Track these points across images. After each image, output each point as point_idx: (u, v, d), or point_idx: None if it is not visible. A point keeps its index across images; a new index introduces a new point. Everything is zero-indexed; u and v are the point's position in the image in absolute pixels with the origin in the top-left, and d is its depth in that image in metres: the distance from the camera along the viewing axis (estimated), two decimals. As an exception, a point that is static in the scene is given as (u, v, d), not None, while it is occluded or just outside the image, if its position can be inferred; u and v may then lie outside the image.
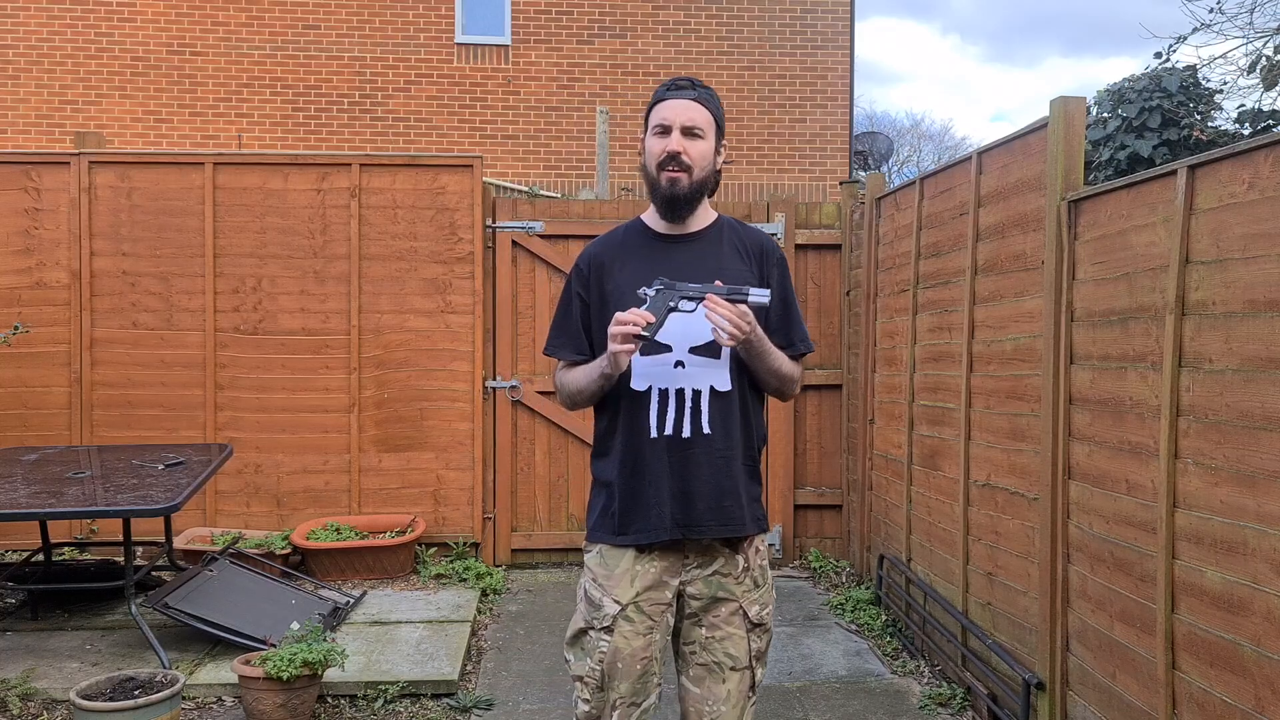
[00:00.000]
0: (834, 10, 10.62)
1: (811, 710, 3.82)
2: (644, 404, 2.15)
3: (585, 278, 2.25)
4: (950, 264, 4.24)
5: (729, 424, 2.17)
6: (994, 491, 3.77)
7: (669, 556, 2.17)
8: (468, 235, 5.66)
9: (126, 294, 5.57)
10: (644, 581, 2.16)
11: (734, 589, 2.19)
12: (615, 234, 2.31)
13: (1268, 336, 2.29)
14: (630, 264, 2.21)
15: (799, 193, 10.47)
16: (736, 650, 2.18)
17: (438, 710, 3.78)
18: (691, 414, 2.14)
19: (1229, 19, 7.36)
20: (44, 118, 10.01)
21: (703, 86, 2.19)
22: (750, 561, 2.22)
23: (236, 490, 5.60)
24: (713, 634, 2.18)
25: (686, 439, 2.14)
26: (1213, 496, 2.47)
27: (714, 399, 2.15)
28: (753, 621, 2.20)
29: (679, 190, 2.14)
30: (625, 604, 2.14)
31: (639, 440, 2.15)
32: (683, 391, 2.14)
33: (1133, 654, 2.82)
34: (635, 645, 2.14)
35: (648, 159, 2.18)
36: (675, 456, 2.14)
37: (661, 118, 2.15)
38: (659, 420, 2.14)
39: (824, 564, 5.78)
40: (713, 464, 2.15)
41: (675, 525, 2.14)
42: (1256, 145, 2.35)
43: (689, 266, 2.17)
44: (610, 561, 2.19)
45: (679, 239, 2.23)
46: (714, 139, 2.18)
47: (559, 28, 10.42)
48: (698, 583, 2.18)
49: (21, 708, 3.66)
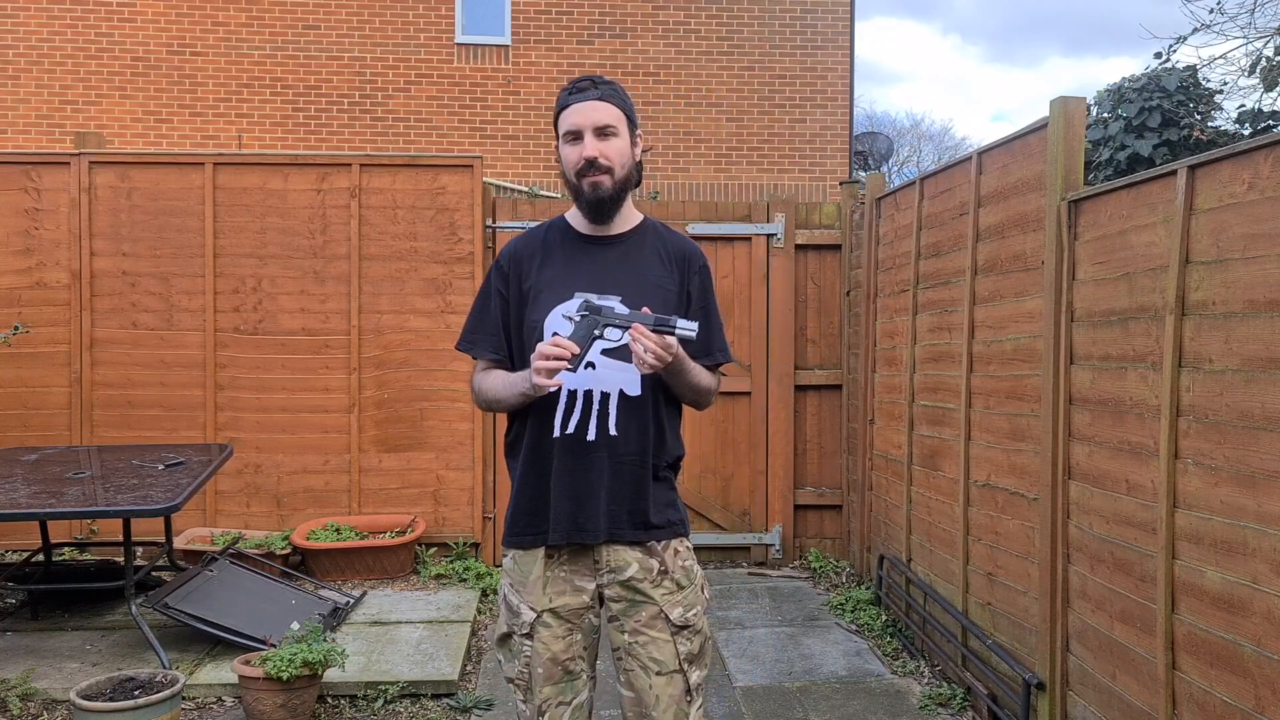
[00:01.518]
0: (834, 10, 10.62)
1: (811, 710, 3.82)
2: (552, 403, 2.11)
3: (505, 274, 2.22)
4: (950, 264, 4.24)
5: (637, 429, 2.12)
6: (994, 491, 3.77)
7: (579, 561, 2.14)
8: (468, 235, 5.66)
9: (126, 294, 5.57)
10: (556, 587, 2.13)
11: (651, 592, 2.12)
12: (538, 231, 2.27)
13: (1268, 336, 2.29)
14: (551, 264, 2.18)
15: (799, 193, 10.48)
16: (661, 655, 2.11)
17: (438, 710, 3.78)
18: (599, 416, 2.10)
19: (1229, 19, 7.37)
20: (44, 118, 10.02)
21: (605, 83, 2.15)
22: (668, 564, 2.15)
23: (236, 490, 5.60)
24: (635, 639, 2.12)
25: (591, 441, 2.10)
26: (1213, 496, 2.47)
27: (623, 403, 2.11)
28: (676, 624, 2.13)
29: (603, 193, 2.11)
30: (540, 611, 2.12)
31: (544, 439, 2.12)
32: (591, 393, 2.11)
33: (1133, 654, 2.82)
34: (555, 649, 2.12)
35: (566, 168, 2.13)
36: (577, 458, 2.10)
37: (570, 124, 2.11)
38: (564, 419, 2.10)
39: (824, 564, 5.78)
40: (615, 468, 2.10)
41: (570, 528, 2.10)
42: (1256, 145, 2.35)
43: (610, 270, 2.14)
44: (523, 567, 2.16)
45: (602, 240, 2.20)
46: (628, 133, 2.14)
47: (559, 28, 10.42)
48: (615, 586, 2.14)
49: (21, 708, 3.66)
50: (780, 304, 5.84)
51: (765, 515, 5.90)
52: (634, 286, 2.13)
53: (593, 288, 2.13)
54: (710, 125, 10.56)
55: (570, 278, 2.14)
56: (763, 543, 5.89)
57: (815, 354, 5.97)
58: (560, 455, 2.11)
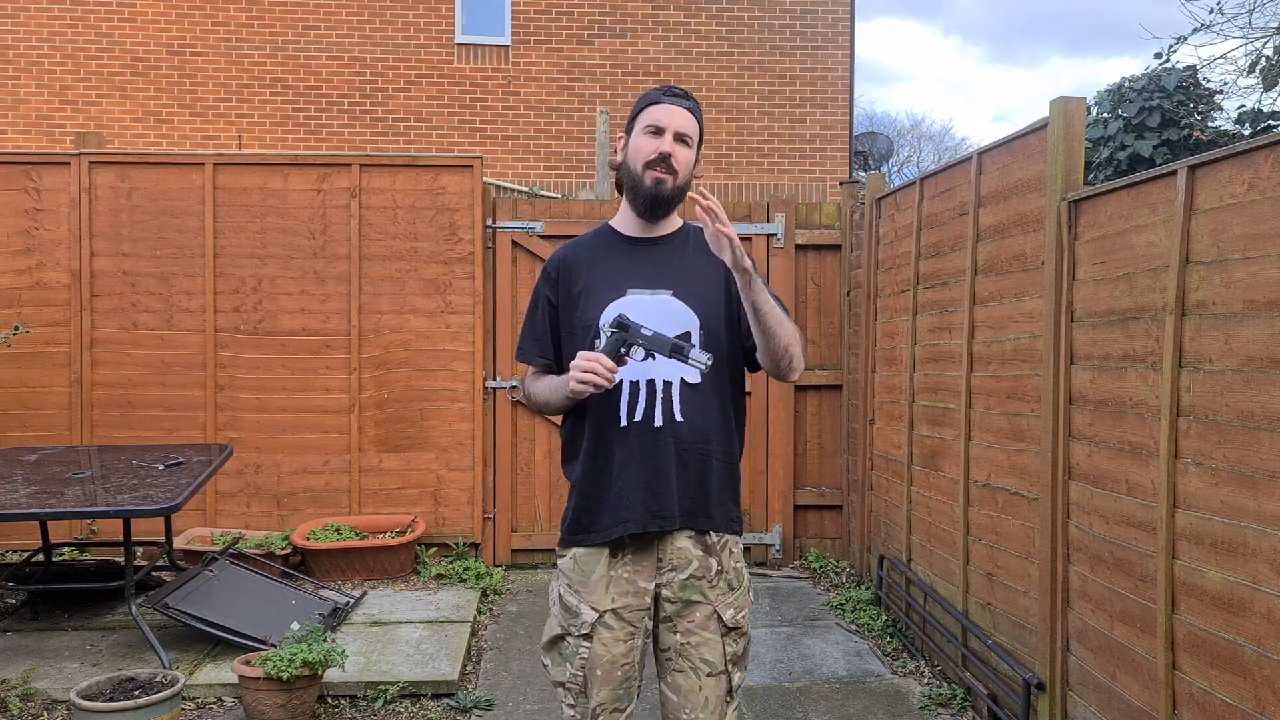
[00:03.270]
0: (834, 10, 10.62)
1: (812, 710, 3.82)
2: (614, 397, 2.13)
3: (554, 281, 2.25)
4: (950, 264, 4.24)
5: (701, 416, 2.15)
6: (994, 492, 3.77)
7: (643, 560, 2.15)
8: (468, 235, 5.66)
9: (126, 294, 5.57)
10: (619, 588, 2.13)
11: (708, 592, 2.15)
12: (584, 239, 2.32)
13: (1268, 337, 2.29)
14: (600, 265, 2.22)
15: (799, 193, 10.48)
16: (712, 655, 2.14)
17: (438, 710, 3.78)
18: (663, 403, 2.12)
19: (1229, 19, 7.37)
20: (44, 118, 10.02)
21: (694, 100, 2.23)
22: (724, 564, 2.18)
23: (236, 490, 5.60)
24: (688, 639, 2.14)
25: (658, 427, 2.11)
26: (1213, 497, 2.47)
27: (685, 390, 2.14)
28: (728, 625, 2.16)
29: (664, 191, 2.15)
30: (603, 611, 2.12)
31: (608, 431, 2.13)
32: (653, 382, 2.13)
33: (1133, 654, 2.82)
34: (615, 652, 2.12)
35: (634, 156, 2.17)
36: (645, 445, 2.11)
37: (655, 119, 2.16)
38: (629, 409, 2.12)
39: (824, 564, 5.78)
40: (683, 453, 2.13)
41: (646, 515, 2.11)
42: (1256, 145, 2.35)
43: (661, 267, 2.18)
44: (585, 567, 2.16)
45: (647, 242, 2.24)
46: (696, 151, 2.22)
47: (559, 28, 10.42)
48: (673, 586, 2.15)
49: (21, 708, 3.66)
50: (780, 304, 5.83)
51: (765, 515, 5.90)
52: (685, 282, 2.18)
53: (646, 284, 2.17)
54: (710, 125, 10.55)
55: (623, 275, 2.17)
56: (763, 543, 5.89)
57: (815, 354, 5.97)
58: (628, 445, 2.12)
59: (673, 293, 2.16)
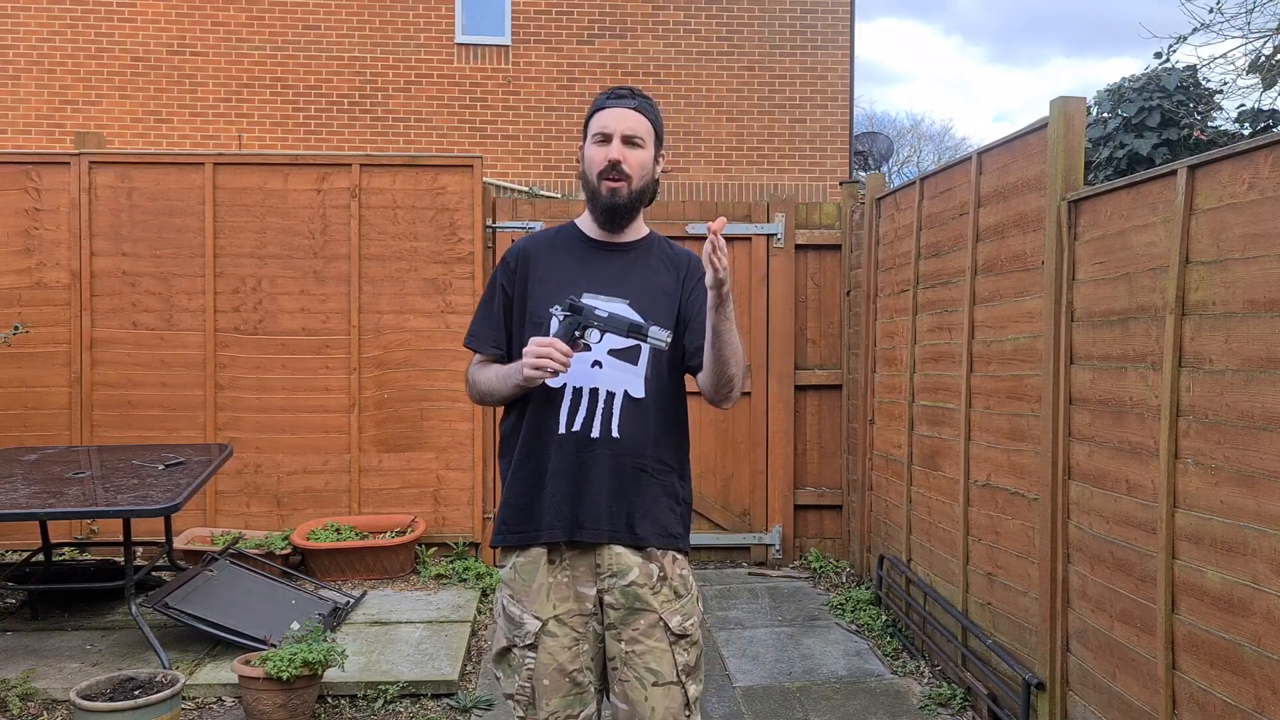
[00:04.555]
0: (834, 10, 10.62)
1: (811, 710, 3.82)
2: (556, 401, 2.11)
3: (511, 272, 2.23)
4: (950, 264, 4.24)
5: (639, 431, 2.11)
6: (994, 491, 3.77)
7: (580, 566, 2.12)
8: (468, 235, 5.66)
9: (126, 294, 5.57)
10: (559, 594, 2.11)
11: (651, 600, 2.10)
12: (547, 233, 2.29)
13: (1268, 337, 2.29)
14: (560, 263, 2.20)
15: (799, 193, 10.47)
16: (659, 665, 2.08)
17: (438, 710, 3.78)
18: (603, 415, 2.10)
19: (1228, 19, 7.37)
20: (44, 118, 10.01)
21: (642, 95, 2.18)
22: (667, 571, 2.14)
23: (236, 490, 5.60)
24: (633, 648, 2.08)
25: (594, 439, 2.09)
26: (1213, 496, 2.47)
27: (627, 404, 2.11)
28: (675, 633, 2.11)
29: (619, 200, 2.13)
30: (545, 619, 2.09)
31: (545, 436, 2.11)
32: (596, 391, 2.11)
33: (1133, 654, 2.82)
34: (561, 659, 2.09)
35: (588, 167, 2.16)
36: (579, 455, 2.09)
37: (602, 125, 2.14)
38: (569, 417, 2.10)
39: (824, 564, 5.78)
40: (616, 468, 2.09)
41: (573, 525, 2.08)
42: (1256, 145, 2.35)
43: (619, 275, 2.16)
44: (525, 576, 2.13)
45: (612, 246, 2.21)
46: (653, 148, 2.18)
47: (559, 28, 10.42)
48: (614, 592, 2.11)
49: (21, 708, 3.66)
50: (780, 304, 5.84)
51: (765, 515, 5.90)
52: (641, 292, 2.15)
53: (601, 289, 2.14)
54: (710, 125, 10.56)
55: (579, 278, 2.15)
56: (763, 543, 5.89)
57: (815, 354, 5.97)
58: (561, 452, 2.10)
59: (628, 302, 2.13)
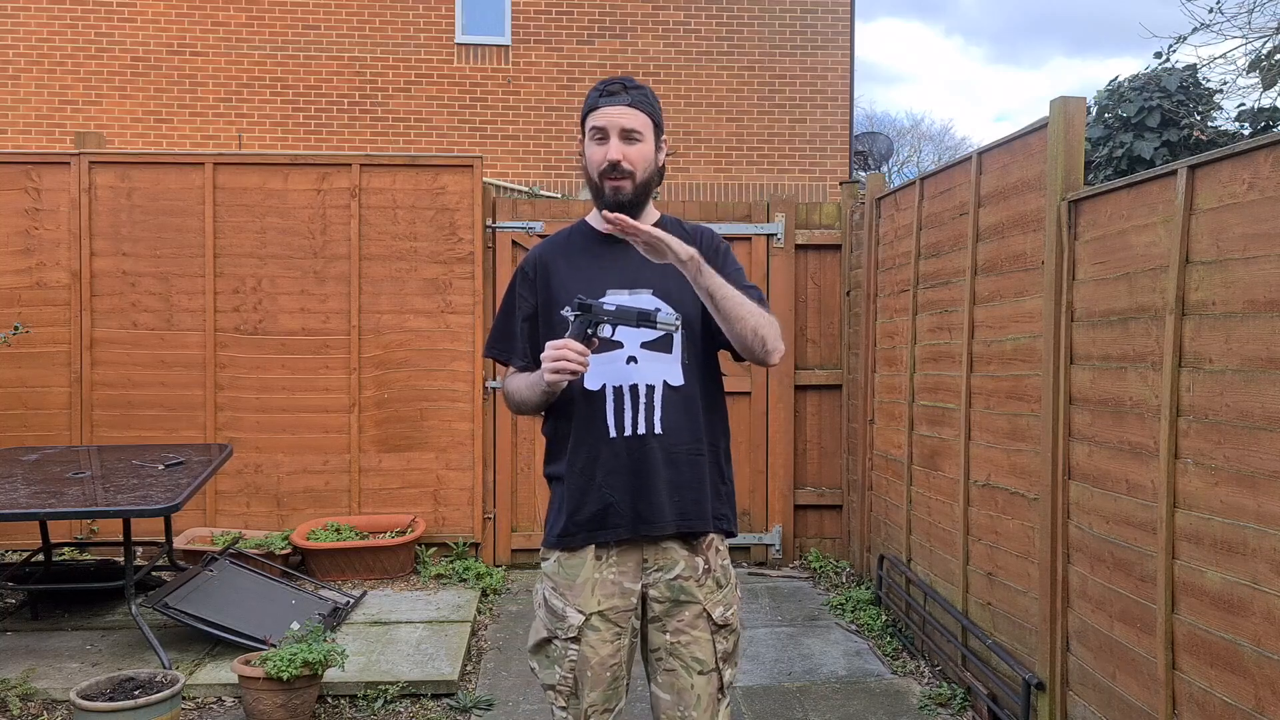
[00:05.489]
0: (834, 10, 10.62)
1: (811, 710, 3.82)
2: (599, 403, 2.12)
3: (531, 281, 2.24)
4: (950, 264, 4.24)
5: (685, 419, 2.14)
6: (994, 491, 3.77)
7: (628, 561, 2.14)
8: (468, 235, 5.66)
9: (126, 294, 5.57)
10: (605, 590, 2.13)
11: (695, 592, 2.14)
12: (560, 235, 2.30)
13: (1268, 337, 2.29)
14: (576, 265, 2.20)
15: (799, 193, 10.48)
16: (702, 654, 2.13)
17: (438, 710, 3.78)
18: (646, 409, 2.12)
19: (1228, 19, 7.37)
20: (44, 118, 10.02)
21: (635, 88, 2.17)
22: (711, 563, 2.17)
23: (236, 490, 5.60)
24: (677, 639, 2.13)
25: (642, 435, 2.11)
26: (1213, 496, 2.47)
27: (668, 393, 2.13)
28: (717, 623, 2.15)
29: (623, 198, 2.13)
30: (589, 614, 2.11)
31: (596, 441, 2.12)
32: (636, 387, 2.12)
33: (1133, 654, 2.82)
34: (604, 653, 2.11)
35: (590, 167, 2.17)
36: (632, 454, 2.11)
37: (597, 124, 2.14)
38: (617, 419, 2.11)
39: (824, 564, 5.78)
40: (670, 459, 2.12)
41: (634, 521, 2.11)
42: (1256, 145, 2.35)
43: (639, 266, 2.15)
44: (569, 569, 2.15)
45: (624, 240, 2.19)
46: (653, 139, 2.17)
47: (559, 28, 10.42)
48: (660, 585, 2.14)
49: (21, 708, 3.66)
50: (780, 304, 5.84)
51: (765, 515, 5.90)
52: (663, 278, 2.15)
53: (623, 284, 2.16)
54: (710, 125, 10.56)
55: (601, 275, 2.15)
56: (763, 543, 5.89)
57: (815, 354, 5.97)
58: (613, 453, 2.11)
59: (652, 291, 2.15)
